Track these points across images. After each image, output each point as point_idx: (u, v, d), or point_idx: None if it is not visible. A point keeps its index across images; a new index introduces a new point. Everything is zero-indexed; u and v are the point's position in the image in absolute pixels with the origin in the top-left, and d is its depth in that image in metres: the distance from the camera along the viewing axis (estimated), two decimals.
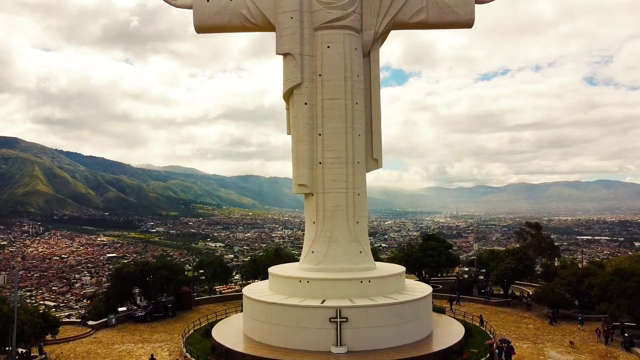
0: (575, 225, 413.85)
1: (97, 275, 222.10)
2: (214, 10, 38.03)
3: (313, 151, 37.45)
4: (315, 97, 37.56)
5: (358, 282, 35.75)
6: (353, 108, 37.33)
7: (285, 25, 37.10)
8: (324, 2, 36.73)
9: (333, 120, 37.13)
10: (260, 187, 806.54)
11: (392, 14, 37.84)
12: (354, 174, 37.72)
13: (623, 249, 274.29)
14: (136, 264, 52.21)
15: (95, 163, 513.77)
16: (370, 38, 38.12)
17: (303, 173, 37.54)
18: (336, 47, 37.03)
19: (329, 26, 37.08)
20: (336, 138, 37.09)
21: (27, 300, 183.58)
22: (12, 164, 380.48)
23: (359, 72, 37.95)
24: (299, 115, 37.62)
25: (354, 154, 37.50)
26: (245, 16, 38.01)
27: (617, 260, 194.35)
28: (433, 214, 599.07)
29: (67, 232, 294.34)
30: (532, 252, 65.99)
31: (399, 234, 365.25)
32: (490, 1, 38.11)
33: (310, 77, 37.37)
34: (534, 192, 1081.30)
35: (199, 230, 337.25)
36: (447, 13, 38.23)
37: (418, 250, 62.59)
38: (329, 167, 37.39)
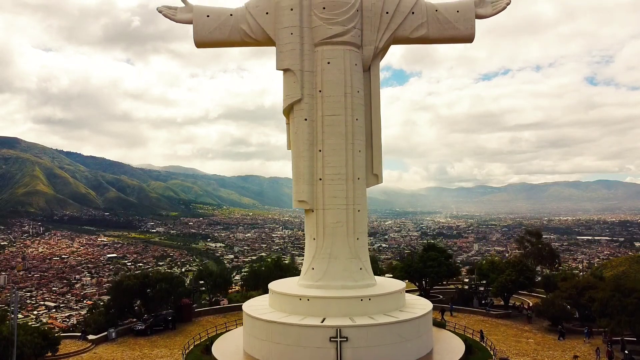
0: (575, 225, 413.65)
1: (98, 275, 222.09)
2: (214, 25, 37.82)
3: (313, 167, 37.30)
4: (315, 113, 37.39)
5: (358, 300, 35.66)
6: (353, 124, 37.16)
7: (285, 41, 36.90)
8: (324, 18, 36.49)
9: (333, 136, 36.97)
10: (260, 187, 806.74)
11: (392, 29, 37.61)
12: (354, 190, 37.59)
13: (623, 250, 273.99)
14: (136, 277, 51.91)
15: (95, 163, 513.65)
16: (371, 53, 37.91)
17: (303, 189, 37.40)
18: (336, 63, 36.80)
19: (329, 42, 36.87)
20: (336, 154, 36.91)
21: (27, 301, 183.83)
22: (12, 164, 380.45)
23: (359, 88, 37.77)
24: (299, 131, 37.46)
25: (354, 170, 37.35)
26: (245, 32, 37.82)
27: (617, 262, 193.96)
28: (433, 214, 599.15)
29: (67, 233, 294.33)
30: (533, 260, 65.93)
31: (399, 234, 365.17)
32: (489, 16, 37.92)
33: (311, 93, 37.19)
34: (534, 192, 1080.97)
35: (199, 231, 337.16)
36: (448, 28, 38.01)
37: (418, 261, 62.43)
38: (329, 183, 37.25)
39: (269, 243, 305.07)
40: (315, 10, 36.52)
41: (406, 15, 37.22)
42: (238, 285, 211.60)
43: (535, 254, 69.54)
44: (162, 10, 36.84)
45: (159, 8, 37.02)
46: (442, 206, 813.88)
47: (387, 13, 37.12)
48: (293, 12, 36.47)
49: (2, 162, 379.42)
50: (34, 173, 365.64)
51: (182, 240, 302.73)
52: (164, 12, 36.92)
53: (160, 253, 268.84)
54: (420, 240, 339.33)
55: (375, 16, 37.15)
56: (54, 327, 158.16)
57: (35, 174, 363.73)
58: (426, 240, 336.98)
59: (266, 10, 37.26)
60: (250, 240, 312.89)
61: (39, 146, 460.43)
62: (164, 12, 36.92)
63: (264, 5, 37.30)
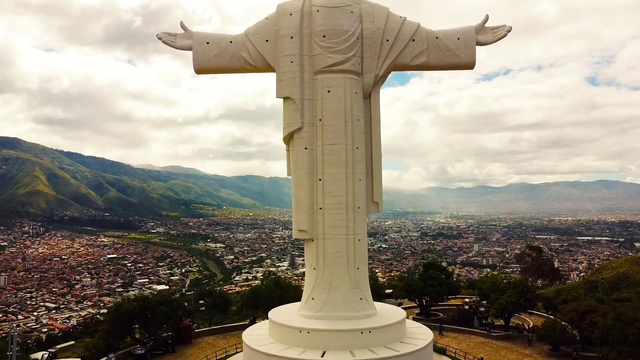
0: (575, 225, 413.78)
1: (98, 276, 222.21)
2: (214, 52, 37.40)
3: (313, 196, 36.93)
4: (315, 141, 36.96)
5: (359, 332, 35.40)
6: (353, 153, 36.74)
7: (285, 69, 36.44)
8: (324, 47, 36.01)
9: (333, 165, 36.56)
10: (261, 187, 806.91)
11: (392, 56, 37.16)
12: (355, 220, 37.23)
13: (623, 250, 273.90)
14: (136, 300, 51.61)
15: (95, 163, 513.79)
16: (371, 81, 37.45)
17: (303, 219, 37.05)
18: (336, 92, 36.33)
19: (329, 70, 36.41)
20: (336, 184, 36.50)
21: (27, 302, 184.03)
22: (12, 164, 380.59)
23: (359, 116, 37.35)
24: (299, 160, 37.02)
25: (354, 199, 36.98)
26: (245, 59, 37.40)
27: (617, 263, 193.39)
28: (433, 214, 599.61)
29: (67, 233, 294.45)
30: (533, 275, 65.74)
31: (399, 234, 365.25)
32: (490, 44, 37.62)
33: (311, 122, 36.77)
34: (535, 192, 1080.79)
35: (200, 231, 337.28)
36: (448, 56, 37.59)
37: (418, 280, 62.20)
38: (329, 212, 36.90)
39: (269, 244, 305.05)
40: (316, 39, 36.09)
41: (406, 42, 36.79)
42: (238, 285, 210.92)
43: (535, 269, 69.35)
44: (162, 37, 36.50)
45: (159, 35, 36.69)
46: (443, 206, 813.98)
47: (387, 41, 36.71)
48: (293, 40, 36.06)
49: (2, 163, 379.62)
50: (34, 173, 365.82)
51: (182, 241, 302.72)
52: (164, 39, 36.58)
53: (161, 254, 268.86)
54: (420, 240, 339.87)
55: (376, 44, 36.66)
56: (54, 328, 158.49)
57: (36, 175, 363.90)
58: (426, 240, 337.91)
59: (266, 37, 36.85)
60: (250, 241, 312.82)
61: (40, 146, 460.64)
62: (164, 39, 36.58)
63: (263, 33, 36.89)
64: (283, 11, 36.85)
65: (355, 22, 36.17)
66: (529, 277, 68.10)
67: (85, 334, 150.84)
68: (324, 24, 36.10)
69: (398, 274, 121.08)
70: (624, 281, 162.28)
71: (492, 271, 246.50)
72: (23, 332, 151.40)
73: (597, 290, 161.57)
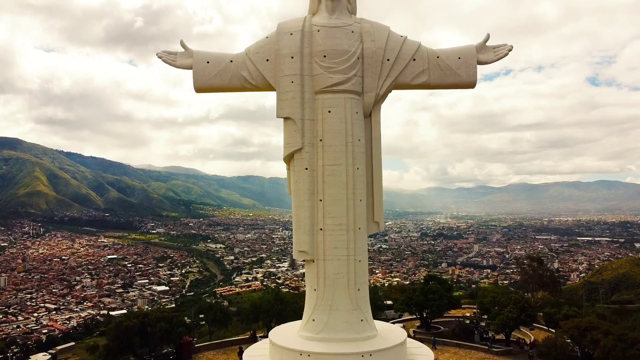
0: (575, 226, 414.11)
1: (98, 277, 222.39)
2: (214, 72, 36.95)
3: (314, 217, 36.57)
4: (316, 162, 36.60)
5: (359, 356, 35.13)
6: (354, 173, 36.39)
7: (286, 89, 36.02)
8: (325, 67, 35.58)
9: (334, 186, 36.19)
10: (261, 187, 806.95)
11: (393, 76, 36.74)
12: (355, 241, 36.92)
13: (624, 251, 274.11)
14: (135, 316, 51.28)
15: (96, 164, 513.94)
16: (372, 100, 37.06)
17: (304, 240, 36.74)
18: (337, 112, 35.93)
19: (329, 90, 35.97)
20: (337, 204, 36.13)
21: (27, 303, 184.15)
22: (13, 165, 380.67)
23: (360, 137, 36.98)
24: (299, 180, 36.65)
25: (355, 220, 36.65)
26: (245, 78, 36.97)
27: (617, 264, 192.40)
28: (433, 214, 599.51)
29: (67, 234, 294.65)
30: (534, 285, 65.46)
31: (399, 234, 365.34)
32: (491, 62, 37.23)
33: (311, 142, 36.37)
34: (535, 193, 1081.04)
35: (200, 232, 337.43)
36: (449, 75, 37.16)
37: (419, 294, 61.96)
38: (329, 233, 36.57)
39: (269, 244, 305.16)
40: (316, 59, 35.68)
41: (407, 62, 36.37)
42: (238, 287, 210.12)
43: (536, 279, 69.12)
44: (162, 56, 36.00)
45: (159, 54, 36.26)
46: (443, 206, 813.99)
47: (388, 60, 36.31)
48: (294, 60, 35.65)
49: (2, 163, 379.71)
50: (34, 174, 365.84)
51: (182, 242, 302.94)
52: (164, 58, 36.06)
53: (161, 254, 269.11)
54: (420, 241, 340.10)
55: (376, 63, 36.23)
56: (55, 330, 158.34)
57: (36, 175, 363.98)
58: (426, 240, 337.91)
59: (266, 57, 36.47)
60: (250, 241, 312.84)
61: (40, 147, 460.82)
62: (164, 58, 36.06)
63: (264, 52, 36.50)
64: (283, 30, 36.47)
65: (356, 41, 35.81)
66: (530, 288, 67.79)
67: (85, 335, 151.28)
68: (325, 44, 35.74)
69: (397, 282, 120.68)
70: (624, 282, 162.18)
71: (492, 272, 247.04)
72: (23, 333, 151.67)
73: (598, 292, 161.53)
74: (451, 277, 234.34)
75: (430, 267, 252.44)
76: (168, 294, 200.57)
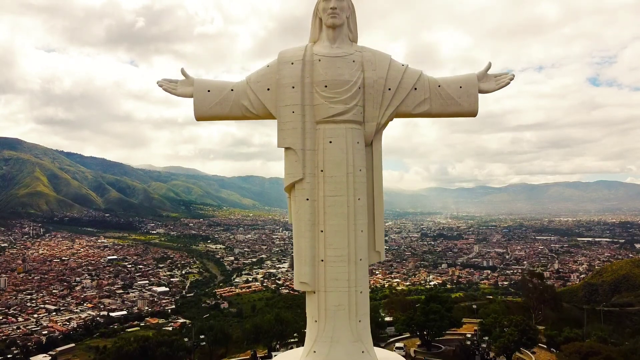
0: (576, 226, 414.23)
1: (98, 278, 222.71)
2: (215, 101, 36.87)
3: (315, 248, 36.62)
4: (317, 192, 36.66)
5: None
6: (355, 204, 36.41)
7: (286, 119, 36.07)
8: (326, 97, 35.64)
9: (335, 217, 36.28)
10: (261, 187, 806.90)
11: (395, 105, 36.72)
12: (356, 272, 36.91)
13: (624, 251, 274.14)
14: (136, 341, 51.14)
15: (96, 164, 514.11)
16: (373, 129, 37.10)
17: (305, 271, 36.70)
18: (338, 142, 35.96)
19: (331, 120, 36.06)
20: (338, 235, 36.18)
21: (27, 304, 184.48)
22: (13, 165, 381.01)
23: (361, 167, 37.02)
24: (300, 211, 36.73)
25: (356, 251, 36.68)
26: (246, 107, 36.92)
27: (617, 265, 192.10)
28: (434, 215, 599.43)
29: (67, 234, 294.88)
30: (535, 301, 65.43)
31: (399, 235, 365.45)
32: (493, 91, 37.29)
33: (312, 172, 36.40)
34: (535, 193, 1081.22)
35: (200, 232, 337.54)
36: (450, 104, 37.08)
37: (420, 314, 61.95)
38: (330, 265, 36.57)
39: (270, 245, 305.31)
40: (317, 88, 35.73)
41: (409, 91, 36.38)
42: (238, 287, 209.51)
43: (537, 296, 69.10)
44: (163, 85, 35.86)
45: (159, 82, 36.21)
46: (443, 207, 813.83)
47: (389, 89, 36.35)
48: (294, 90, 35.70)
49: (3, 163, 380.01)
50: (34, 174, 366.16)
51: (182, 242, 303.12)
52: (165, 87, 35.93)
53: (161, 255, 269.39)
54: (420, 241, 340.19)
55: (377, 93, 36.23)
56: (55, 331, 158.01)
57: (36, 175, 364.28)
58: (426, 241, 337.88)
59: (267, 86, 36.53)
60: (250, 242, 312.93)
61: (40, 147, 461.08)
62: (165, 87, 35.93)
63: (265, 82, 36.54)
64: (284, 60, 36.54)
65: (357, 71, 35.96)
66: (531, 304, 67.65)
67: (85, 336, 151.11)
68: (326, 73, 35.79)
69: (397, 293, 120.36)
70: (625, 284, 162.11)
71: (492, 273, 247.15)
72: (23, 334, 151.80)
73: (598, 294, 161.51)
74: (451, 278, 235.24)
75: (430, 267, 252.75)
76: (168, 295, 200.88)
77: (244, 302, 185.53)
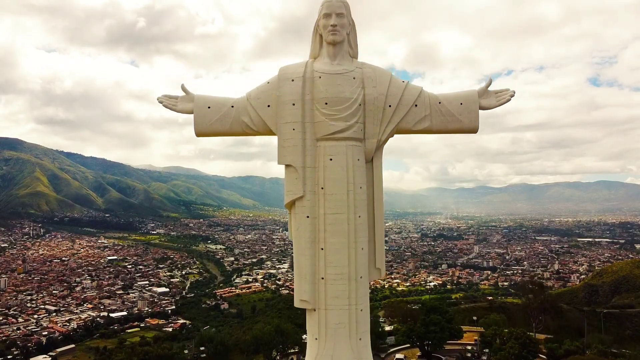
0: (576, 226, 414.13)
1: (98, 278, 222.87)
2: (215, 117, 36.89)
3: (315, 266, 36.65)
4: (317, 210, 36.74)
5: None
6: (356, 222, 36.44)
7: (287, 137, 36.11)
8: (327, 114, 35.65)
9: (336, 235, 36.34)
10: (261, 187, 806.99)
11: (395, 122, 36.72)
12: (357, 290, 36.86)
13: (624, 252, 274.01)
14: (136, 354, 51.16)
15: (96, 164, 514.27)
16: (373, 146, 37.12)
17: (305, 289, 36.68)
18: (339, 160, 36.00)
19: (331, 138, 36.23)
20: (338, 253, 36.18)
21: (27, 304, 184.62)
22: (13, 165, 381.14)
23: (361, 184, 37.09)
24: (300, 228, 36.76)
25: (356, 269, 36.65)
26: (246, 124, 36.92)
27: (617, 266, 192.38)
28: (434, 215, 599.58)
29: (67, 234, 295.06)
30: (535, 310, 65.38)
31: (399, 235, 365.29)
32: (493, 108, 37.35)
33: (313, 190, 36.47)
34: (535, 193, 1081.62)
35: (200, 232, 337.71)
36: (451, 121, 37.13)
37: (420, 326, 61.99)
38: (331, 283, 36.57)
39: (270, 245, 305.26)
40: (318, 105, 35.74)
41: (409, 108, 36.43)
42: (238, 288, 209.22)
43: (537, 306, 69.08)
44: (163, 101, 35.75)
45: (160, 98, 36.11)
46: (443, 207, 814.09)
47: (389, 106, 36.39)
48: (295, 107, 35.72)
49: (3, 164, 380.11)
50: (35, 174, 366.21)
51: (182, 242, 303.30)
52: (165, 103, 35.81)
53: (161, 255, 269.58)
54: (420, 242, 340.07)
55: (378, 110, 36.27)
56: (55, 332, 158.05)
57: (37, 176, 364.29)
58: (426, 241, 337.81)
59: (267, 103, 36.56)
60: (250, 242, 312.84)
61: (40, 147, 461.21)
62: (165, 103, 35.81)
63: (265, 98, 36.59)
64: (284, 76, 36.59)
65: (357, 88, 36.03)
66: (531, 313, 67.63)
67: (85, 337, 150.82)
68: (326, 91, 35.88)
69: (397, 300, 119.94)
70: (625, 285, 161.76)
71: (492, 273, 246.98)
72: (23, 335, 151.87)
73: (598, 295, 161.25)
74: (451, 279, 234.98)
75: (430, 268, 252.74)
76: (168, 296, 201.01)
77: (244, 302, 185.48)
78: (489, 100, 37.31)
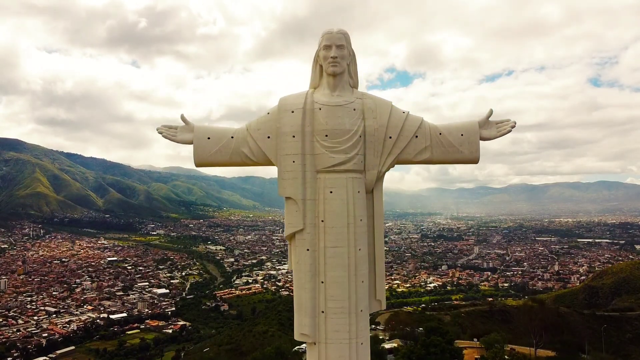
0: (576, 227, 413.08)
1: (98, 279, 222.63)
2: (215, 148, 36.67)
3: (315, 299, 36.46)
4: (317, 243, 36.53)
5: None
6: (356, 255, 36.15)
7: (287, 169, 35.84)
8: (327, 146, 35.47)
9: (336, 268, 36.07)
10: (261, 188, 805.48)
11: (395, 153, 36.48)
12: (357, 323, 36.62)
13: (624, 253, 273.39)
14: None
15: (96, 164, 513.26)
16: (374, 178, 36.85)
17: (305, 322, 36.51)
18: (339, 193, 35.77)
19: (331, 170, 36.09)
20: (339, 287, 35.90)
21: (27, 306, 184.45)
22: (13, 166, 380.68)
23: (362, 216, 36.83)
24: (301, 261, 36.55)
25: (357, 302, 36.35)
26: (246, 154, 36.66)
27: (618, 267, 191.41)
28: (434, 215, 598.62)
29: (67, 235, 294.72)
30: (536, 328, 65.17)
31: (399, 236, 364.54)
32: (494, 139, 37.17)
33: (313, 222, 36.19)
34: (535, 193, 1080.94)
35: (200, 233, 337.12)
36: (452, 152, 36.92)
37: (421, 347, 61.81)
38: (331, 317, 36.26)
39: (270, 246, 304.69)
40: (318, 137, 35.61)
41: (409, 139, 36.28)
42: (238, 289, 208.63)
43: (537, 323, 68.97)
44: (162, 132, 35.55)
45: (159, 129, 35.86)
46: (443, 207, 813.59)
47: (390, 138, 36.23)
48: (295, 139, 35.62)
49: (3, 164, 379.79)
50: (35, 175, 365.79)
51: (182, 243, 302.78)
52: (164, 134, 35.53)
53: (161, 256, 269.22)
54: (420, 242, 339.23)
55: (378, 141, 36.12)
56: (55, 333, 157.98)
57: (37, 176, 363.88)
58: (426, 242, 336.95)
59: (267, 134, 36.47)
60: (250, 243, 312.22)
61: (41, 148, 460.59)
62: (164, 134, 35.53)
63: (265, 129, 36.51)
64: (284, 107, 36.52)
65: (357, 119, 35.93)
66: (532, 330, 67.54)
67: (85, 339, 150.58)
68: (327, 123, 35.81)
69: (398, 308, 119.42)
70: (625, 286, 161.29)
71: (492, 274, 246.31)
72: (23, 337, 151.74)
73: (598, 296, 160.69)
74: (451, 280, 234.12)
75: (430, 269, 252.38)
76: (168, 297, 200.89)
77: (244, 304, 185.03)
78: (490, 131, 37.22)
